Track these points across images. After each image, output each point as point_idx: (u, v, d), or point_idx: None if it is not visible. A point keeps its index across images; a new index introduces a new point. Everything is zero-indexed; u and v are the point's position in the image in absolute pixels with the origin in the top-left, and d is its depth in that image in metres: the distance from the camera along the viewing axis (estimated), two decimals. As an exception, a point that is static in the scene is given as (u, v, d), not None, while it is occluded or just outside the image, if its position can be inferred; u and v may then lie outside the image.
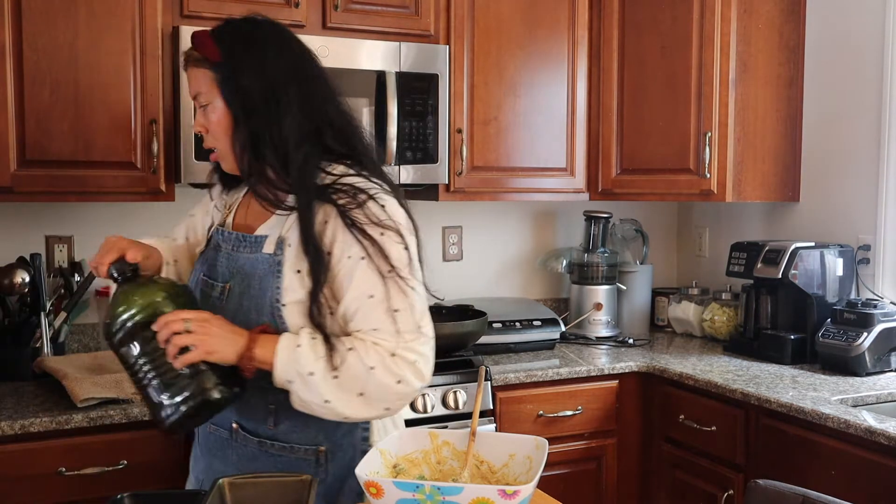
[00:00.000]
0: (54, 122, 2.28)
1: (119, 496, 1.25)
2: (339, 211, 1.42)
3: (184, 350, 1.37)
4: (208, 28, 1.51)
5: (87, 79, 2.31)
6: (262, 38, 1.50)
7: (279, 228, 1.48)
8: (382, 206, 1.43)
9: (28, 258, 2.46)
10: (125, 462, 2.09)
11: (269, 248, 1.48)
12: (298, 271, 1.44)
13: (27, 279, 2.39)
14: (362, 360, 1.38)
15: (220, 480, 1.24)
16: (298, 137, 1.45)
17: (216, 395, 1.39)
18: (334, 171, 1.48)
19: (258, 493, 1.25)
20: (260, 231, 1.51)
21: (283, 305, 1.45)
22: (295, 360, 1.38)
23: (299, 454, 1.50)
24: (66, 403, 2.12)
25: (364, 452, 1.50)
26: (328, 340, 1.40)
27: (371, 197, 1.43)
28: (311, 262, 1.42)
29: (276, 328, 1.45)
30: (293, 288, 1.44)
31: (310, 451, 1.50)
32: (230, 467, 1.54)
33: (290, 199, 1.48)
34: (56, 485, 2.04)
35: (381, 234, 1.41)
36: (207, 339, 1.37)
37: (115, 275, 1.45)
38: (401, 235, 1.43)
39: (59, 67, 2.28)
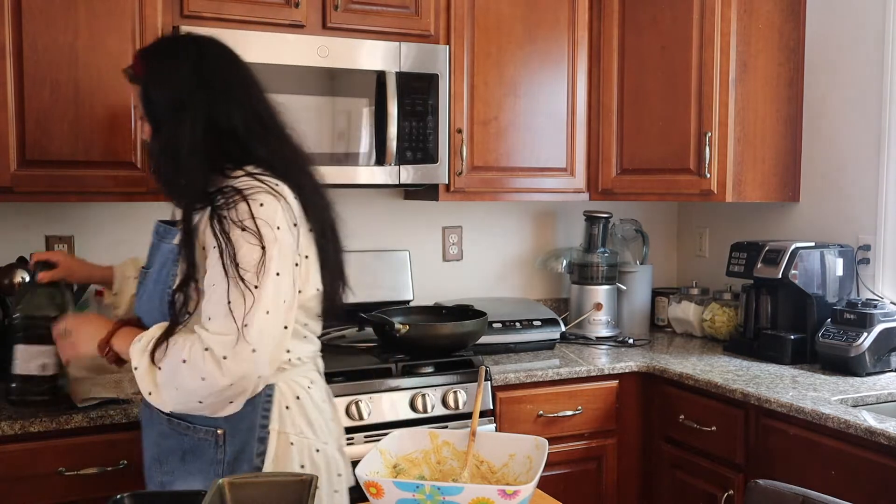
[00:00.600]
0: (54, 122, 2.28)
1: (119, 496, 1.25)
2: (211, 211, 1.52)
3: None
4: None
5: (87, 79, 2.30)
6: (176, 53, 1.64)
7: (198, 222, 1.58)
8: (260, 204, 1.51)
9: (28, 258, 2.46)
10: (125, 462, 2.09)
11: (177, 238, 1.58)
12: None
13: (27, 279, 2.39)
14: (179, 353, 1.48)
15: (220, 480, 1.24)
16: (192, 147, 1.56)
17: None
18: (232, 175, 1.58)
19: (258, 492, 1.25)
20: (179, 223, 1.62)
21: (171, 292, 1.57)
22: (132, 354, 1.54)
23: (200, 434, 1.61)
24: (66, 403, 2.12)
25: (262, 439, 1.60)
26: (170, 334, 1.53)
27: (245, 198, 1.51)
28: (184, 255, 1.54)
29: (140, 321, 1.66)
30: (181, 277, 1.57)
31: (209, 431, 1.60)
32: (150, 442, 1.71)
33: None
34: (56, 485, 2.04)
35: (241, 231, 1.49)
36: (75, 345, 1.70)
37: (28, 271, 1.84)
38: (259, 236, 1.49)
39: (59, 67, 2.28)
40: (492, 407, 2.56)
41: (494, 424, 2.54)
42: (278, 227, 1.51)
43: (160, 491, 1.59)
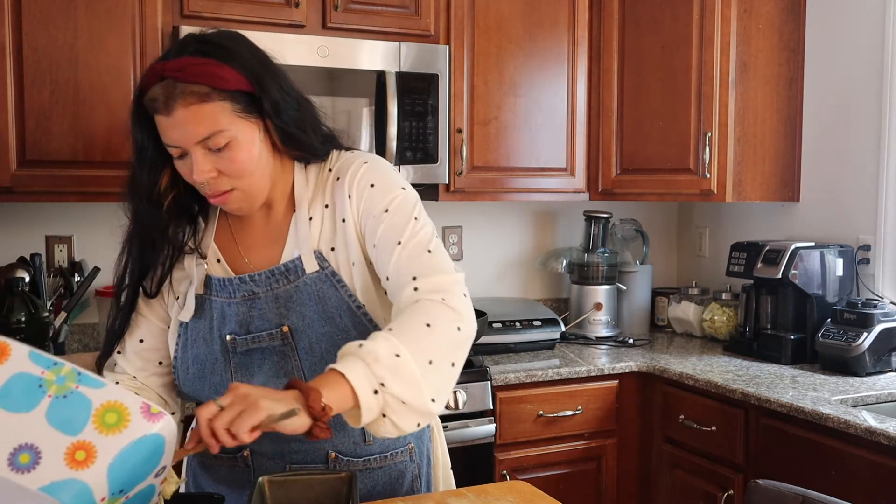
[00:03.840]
0: (54, 122, 2.28)
1: None
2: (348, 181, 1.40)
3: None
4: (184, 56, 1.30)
5: (87, 79, 2.31)
6: (251, 45, 1.40)
7: (305, 244, 1.39)
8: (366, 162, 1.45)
9: (28, 258, 2.46)
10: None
11: (311, 267, 1.37)
12: (353, 263, 1.38)
13: (27, 279, 2.39)
14: (417, 321, 1.24)
15: (261, 479, 1.22)
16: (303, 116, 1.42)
17: None
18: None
19: (298, 490, 1.23)
20: (284, 259, 1.40)
21: (364, 306, 1.38)
22: (371, 358, 1.15)
23: (398, 458, 1.47)
24: None
25: (429, 436, 1.54)
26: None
27: (366, 161, 1.45)
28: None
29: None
30: (360, 282, 1.38)
31: (405, 451, 1.48)
32: None
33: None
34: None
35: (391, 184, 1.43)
36: (256, 407, 1.09)
37: None
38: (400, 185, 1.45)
39: (59, 67, 2.28)
40: (492, 407, 2.56)
41: (495, 424, 2.55)
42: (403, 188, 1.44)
43: (175, 494, 1.54)
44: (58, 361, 1.01)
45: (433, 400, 1.20)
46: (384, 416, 1.17)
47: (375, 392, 1.15)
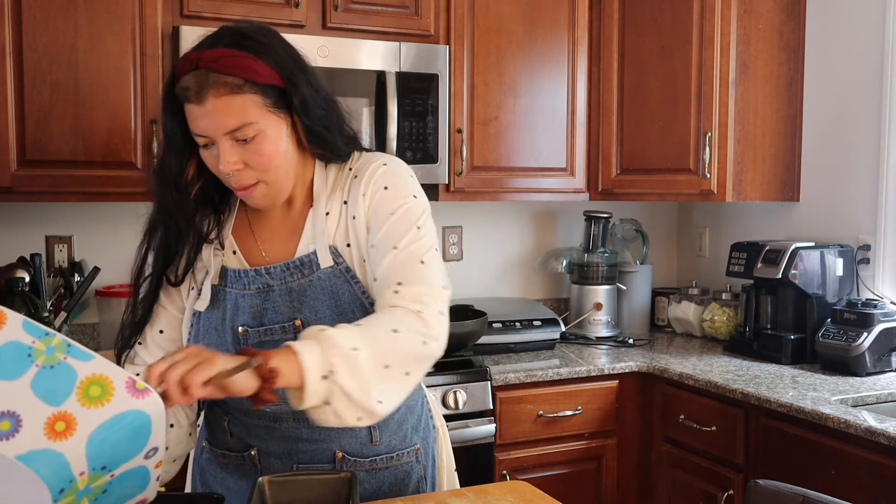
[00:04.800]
0: (54, 122, 2.28)
1: None
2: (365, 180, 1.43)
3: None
4: (216, 48, 1.30)
5: (87, 79, 2.31)
6: (280, 39, 1.41)
7: (321, 239, 1.40)
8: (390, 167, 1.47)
9: (28, 258, 2.46)
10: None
11: (325, 262, 1.39)
12: (364, 260, 1.40)
13: (27, 279, 2.39)
14: (385, 325, 1.27)
15: (260, 479, 1.23)
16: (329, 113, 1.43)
17: None
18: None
19: (298, 490, 1.24)
20: (299, 253, 1.41)
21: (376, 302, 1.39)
22: (329, 344, 1.17)
23: (403, 459, 1.48)
24: None
25: (434, 438, 1.57)
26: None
27: (387, 163, 1.47)
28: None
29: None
30: (370, 279, 1.40)
31: (411, 452, 1.49)
32: None
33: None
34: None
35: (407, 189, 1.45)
36: (210, 361, 1.11)
37: None
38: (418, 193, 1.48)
39: (59, 67, 2.28)
40: (492, 407, 2.56)
41: (495, 425, 2.55)
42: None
43: (173, 493, 1.54)
44: (49, 332, 1.01)
45: (380, 402, 1.21)
46: (328, 404, 1.18)
47: (324, 377, 1.16)
